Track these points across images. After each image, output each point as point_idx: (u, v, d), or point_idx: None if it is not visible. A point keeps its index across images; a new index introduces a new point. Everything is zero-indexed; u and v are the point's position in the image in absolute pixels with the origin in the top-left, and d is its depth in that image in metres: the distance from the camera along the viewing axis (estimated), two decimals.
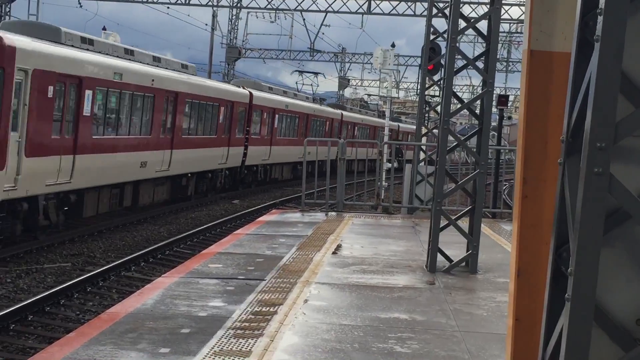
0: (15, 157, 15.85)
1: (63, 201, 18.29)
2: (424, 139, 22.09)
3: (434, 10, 20.28)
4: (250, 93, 32.63)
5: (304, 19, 53.53)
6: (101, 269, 14.67)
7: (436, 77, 21.07)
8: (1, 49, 15.31)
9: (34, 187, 16.58)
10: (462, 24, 11.57)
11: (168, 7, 45.96)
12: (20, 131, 15.99)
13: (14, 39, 15.91)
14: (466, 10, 40.08)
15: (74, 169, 18.12)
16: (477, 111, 11.77)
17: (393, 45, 39.53)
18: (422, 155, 20.48)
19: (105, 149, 20.00)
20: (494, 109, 18.43)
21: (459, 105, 12.69)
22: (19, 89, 15.86)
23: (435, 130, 20.21)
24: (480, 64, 11.72)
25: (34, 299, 12.08)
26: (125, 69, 20.90)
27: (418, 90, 24.89)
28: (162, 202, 24.84)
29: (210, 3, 46.69)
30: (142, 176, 22.50)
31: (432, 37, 20.34)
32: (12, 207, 16.09)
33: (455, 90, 11.91)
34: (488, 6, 11.60)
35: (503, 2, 31.72)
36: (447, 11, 17.31)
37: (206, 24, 51.72)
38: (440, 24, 20.62)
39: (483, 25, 11.89)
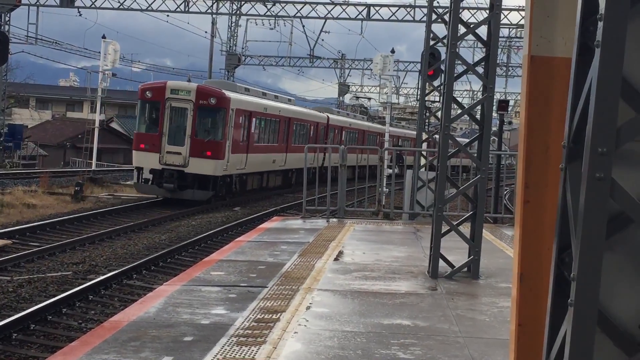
0: (227, 153, 30.13)
1: (240, 179, 32.96)
2: (424, 145, 22.09)
3: (434, 16, 20.31)
4: (328, 116, 46.67)
5: (303, 26, 53.61)
6: (103, 277, 14.65)
7: (436, 83, 21.11)
8: (226, 99, 30.07)
9: (232, 170, 31.33)
10: (461, 29, 11.58)
11: (168, 15, 46.08)
12: (229, 139, 30.27)
13: (229, 93, 30.80)
14: (465, 15, 40.11)
15: (246, 162, 32.49)
16: (478, 116, 11.78)
17: (393, 51, 39.60)
18: (422, 161, 20.48)
19: (259, 151, 34.15)
20: (494, 114, 18.44)
21: (459, 111, 12.70)
22: (229, 119, 30.18)
23: (436, 136, 20.22)
24: (480, 69, 11.73)
25: (36, 307, 12.06)
26: (268, 105, 35.86)
27: (418, 96, 24.91)
28: (277, 187, 38.02)
29: (209, 11, 46.76)
30: (272, 169, 36.79)
31: (431, 42, 20.39)
32: (223, 180, 30.70)
33: (455, 96, 11.92)
34: (487, 11, 11.62)
35: (502, 7, 31.71)
36: (446, 17, 17.34)
37: (206, 32, 51.82)
38: (440, 29, 20.66)
39: (483, 31, 11.91)
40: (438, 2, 21.04)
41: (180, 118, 29.67)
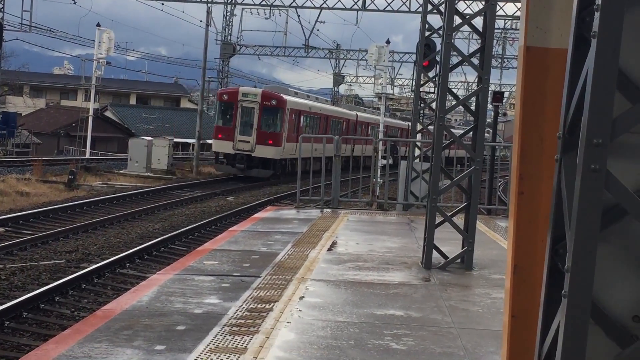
0: (284, 141, 39.25)
1: (291, 163, 41.37)
2: (419, 136, 22.07)
3: (429, 7, 20.25)
4: (357, 114, 56.11)
5: (298, 16, 53.58)
6: (96, 266, 14.63)
7: (431, 74, 21.06)
8: (283, 101, 39.54)
9: (287, 155, 40.35)
10: (457, 20, 11.56)
11: (163, 4, 45.95)
12: (285, 131, 39.23)
13: (285, 96, 40.30)
14: (461, 6, 40.09)
15: (297, 149, 36.66)
16: (473, 107, 11.77)
17: (388, 42, 39.60)
18: (417, 152, 20.45)
19: (306, 141, 38.22)
20: (489, 106, 18.41)
21: (454, 102, 12.68)
22: (285, 116, 39.38)
23: (430, 127, 20.19)
24: (475, 61, 11.70)
25: (29, 295, 12.05)
26: (312, 105, 45.67)
27: (413, 87, 24.88)
28: (317, 170, 46.17)
29: None
30: (314, 155, 44.00)
31: (427, 33, 20.33)
32: (280, 163, 39.89)
33: (450, 87, 11.89)
34: (483, 2, 11.59)
35: None
36: (442, 7, 17.29)
37: (201, 21, 51.62)
38: (436, 20, 20.59)
39: (478, 22, 11.89)
40: None
41: (249, 115, 39.15)
